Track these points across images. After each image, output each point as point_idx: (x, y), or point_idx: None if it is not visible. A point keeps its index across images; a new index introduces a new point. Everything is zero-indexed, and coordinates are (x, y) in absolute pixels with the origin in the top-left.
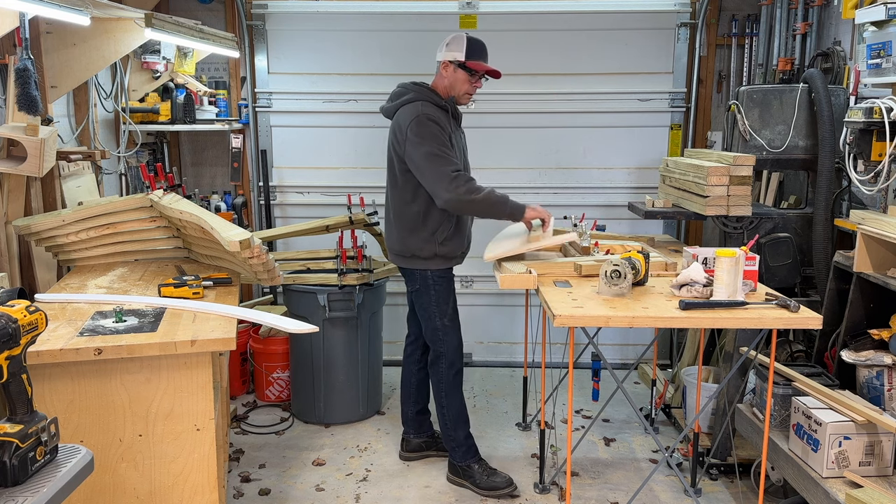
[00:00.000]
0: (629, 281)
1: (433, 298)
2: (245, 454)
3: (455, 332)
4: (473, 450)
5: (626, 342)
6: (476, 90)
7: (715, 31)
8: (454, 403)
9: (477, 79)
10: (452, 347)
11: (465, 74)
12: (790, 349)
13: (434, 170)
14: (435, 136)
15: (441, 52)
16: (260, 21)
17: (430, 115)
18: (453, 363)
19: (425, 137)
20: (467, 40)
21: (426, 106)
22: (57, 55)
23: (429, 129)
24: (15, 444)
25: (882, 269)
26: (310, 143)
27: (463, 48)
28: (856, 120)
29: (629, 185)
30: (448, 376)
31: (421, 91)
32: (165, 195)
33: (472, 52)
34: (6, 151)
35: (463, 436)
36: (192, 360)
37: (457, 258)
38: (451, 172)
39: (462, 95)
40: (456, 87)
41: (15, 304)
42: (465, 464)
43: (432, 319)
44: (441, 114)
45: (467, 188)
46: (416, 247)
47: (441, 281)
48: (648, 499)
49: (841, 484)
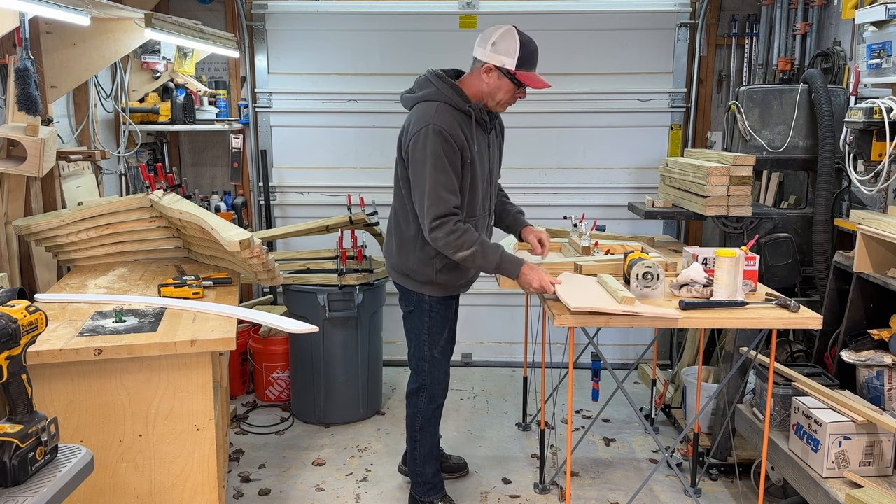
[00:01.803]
0: (662, 282)
1: (426, 326)
2: (245, 454)
3: (443, 364)
4: (439, 487)
5: (626, 342)
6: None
7: (715, 31)
8: (427, 440)
9: (523, 90)
10: (437, 381)
11: (511, 85)
12: (790, 349)
13: (426, 199)
14: (445, 154)
15: (484, 49)
16: (260, 21)
17: (442, 128)
18: (434, 398)
19: (427, 154)
20: (520, 44)
21: (442, 112)
22: (57, 55)
23: (437, 144)
24: (15, 444)
25: (882, 269)
26: (310, 143)
27: (515, 54)
28: (856, 120)
29: (629, 185)
30: (427, 411)
31: (444, 89)
32: (165, 195)
33: (524, 61)
34: (6, 151)
35: (431, 473)
36: (192, 360)
37: (458, 287)
38: (446, 213)
39: (499, 104)
40: (496, 96)
41: (15, 304)
42: (428, 500)
43: (421, 348)
44: (459, 121)
45: (448, 241)
46: (412, 268)
47: (439, 308)
48: (648, 499)
49: (841, 484)
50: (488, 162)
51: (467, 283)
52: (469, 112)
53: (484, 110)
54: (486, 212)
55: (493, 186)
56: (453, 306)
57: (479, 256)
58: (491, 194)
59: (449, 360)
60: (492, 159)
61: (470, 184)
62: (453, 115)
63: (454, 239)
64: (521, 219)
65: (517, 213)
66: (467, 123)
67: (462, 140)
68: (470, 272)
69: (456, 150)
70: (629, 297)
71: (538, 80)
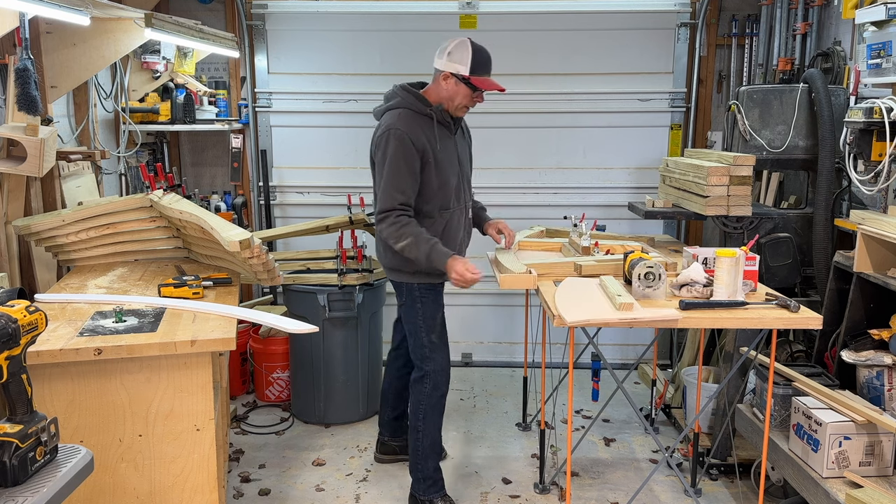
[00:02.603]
0: (664, 282)
1: (419, 313)
2: (245, 454)
3: (443, 350)
4: (440, 484)
5: (626, 342)
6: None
7: (715, 31)
8: (431, 431)
9: (480, 94)
10: (439, 367)
11: (467, 90)
12: (790, 349)
13: (380, 194)
14: (402, 156)
15: (441, 59)
16: (260, 21)
17: (402, 131)
18: (438, 385)
19: (387, 156)
20: (472, 52)
21: (403, 117)
22: (57, 55)
23: (396, 146)
24: (15, 445)
25: (882, 269)
26: (310, 143)
27: (468, 61)
28: (856, 120)
29: (629, 185)
30: (431, 399)
31: (406, 97)
32: (165, 195)
33: (477, 66)
34: (6, 151)
35: (432, 468)
36: (192, 360)
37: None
38: (390, 208)
39: (458, 108)
40: (454, 101)
41: (15, 304)
42: (428, 498)
43: (419, 335)
44: (421, 125)
45: (389, 233)
46: (398, 261)
47: (428, 294)
48: (648, 499)
49: (841, 484)
50: (458, 158)
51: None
52: (430, 115)
53: (445, 112)
54: (461, 205)
55: (466, 181)
56: (441, 293)
57: (413, 247)
58: (464, 189)
59: (447, 347)
60: (461, 157)
61: (439, 179)
62: (415, 120)
63: (394, 230)
64: (482, 215)
65: (479, 210)
66: (429, 126)
67: (423, 142)
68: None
69: (415, 152)
70: (627, 302)
71: (491, 83)
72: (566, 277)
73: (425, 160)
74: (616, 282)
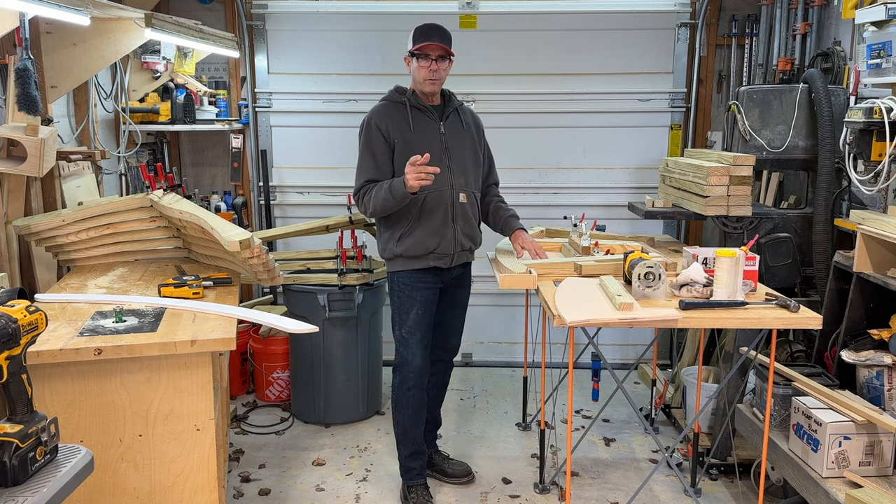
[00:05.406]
0: (664, 282)
1: (395, 304)
2: (245, 454)
3: (411, 347)
4: (413, 473)
5: (626, 342)
6: (434, 73)
7: (715, 31)
8: (401, 420)
9: (430, 61)
10: (405, 362)
11: (416, 62)
12: (790, 349)
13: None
14: (367, 142)
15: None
16: (260, 21)
17: (372, 119)
18: (405, 380)
19: (360, 141)
20: (415, 28)
21: (378, 107)
22: (57, 55)
23: (365, 133)
24: (15, 444)
25: (882, 269)
26: (310, 143)
27: (411, 37)
28: (856, 120)
29: (629, 185)
30: (399, 391)
31: (390, 91)
32: (165, 195)
33: (417, 37)
34: (6, 151)
35: (403, 455)
36: (192, 360)
37: (422, 258)
38: (358, 188)
39: (423, 83)
40: (418, 79)
41: (15, 304)
42: (405, 483)
43: (393, 327)
44: (393, 111)
45: (364, 207)
46: (381, 248)
47: (404, 288)
48: (648, 499)
49: (841, 484)
50: (444, 144)
51: (433, 253)
52: (404, 102)
53: (419, 97)
54: (447, 187)
55: (457, 166)
56: (421, 289)
57: (377, 198)
58: (452, 173)
59: (421, 346)
60: (450, 142)
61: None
62: (387, 107)
63: (364, 201)
64: (512, 222)
65: (510, 217)
66: (402, 111)
67: (389, 124)
68: (436, 239)
69: (379, 134)
70: (627, 302)
71: (422, 42)
72: (566, 277)
73: (393, 142)
74: (616, 282)
